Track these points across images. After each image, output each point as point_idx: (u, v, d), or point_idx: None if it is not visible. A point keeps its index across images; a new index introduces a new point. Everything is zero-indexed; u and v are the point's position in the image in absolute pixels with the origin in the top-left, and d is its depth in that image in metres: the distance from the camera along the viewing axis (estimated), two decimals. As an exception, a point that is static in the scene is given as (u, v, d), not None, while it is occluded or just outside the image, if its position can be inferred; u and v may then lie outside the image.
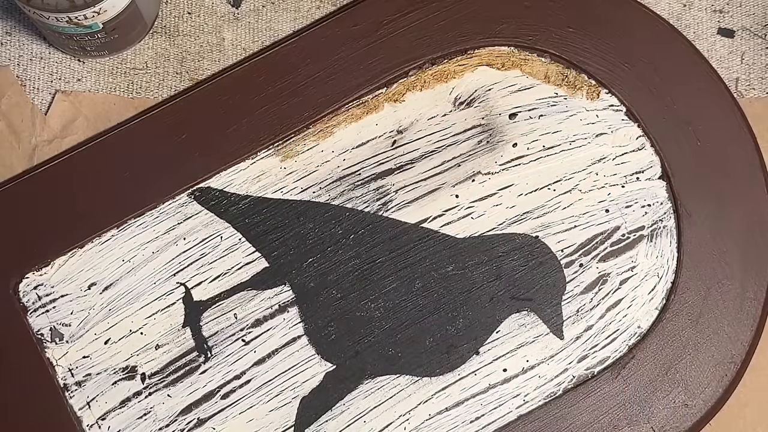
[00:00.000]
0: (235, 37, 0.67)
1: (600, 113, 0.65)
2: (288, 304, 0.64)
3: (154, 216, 0.64)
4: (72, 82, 0.66)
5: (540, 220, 0.64)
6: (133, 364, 0.63)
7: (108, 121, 0.65)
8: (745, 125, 0.65)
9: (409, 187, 0.65)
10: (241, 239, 0.64)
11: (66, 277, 0.63)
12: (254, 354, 0.63)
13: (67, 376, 0.63)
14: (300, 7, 0.67)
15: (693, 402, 0.63)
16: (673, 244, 0.64)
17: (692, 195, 0.64)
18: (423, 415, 0.63)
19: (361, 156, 0.65)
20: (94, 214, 0.64)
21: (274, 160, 0.65)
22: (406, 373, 0.63)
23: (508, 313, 0.63)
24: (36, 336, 0.63)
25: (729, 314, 0.63)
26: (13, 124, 0.65)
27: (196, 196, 0.64)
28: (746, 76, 0.68)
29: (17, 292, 0.63)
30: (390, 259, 0.64)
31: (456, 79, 0.65)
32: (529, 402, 0.63)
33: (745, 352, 0.63)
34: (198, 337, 0.63)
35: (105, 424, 0.63)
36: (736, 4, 0.69)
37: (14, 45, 0.66)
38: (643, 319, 0.63)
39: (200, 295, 0.64)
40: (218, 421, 0.63)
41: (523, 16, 0.66)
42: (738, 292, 0.63)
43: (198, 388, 0.63)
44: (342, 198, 0.64)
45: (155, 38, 0.66)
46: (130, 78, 0.66)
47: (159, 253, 0.64)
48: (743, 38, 0.68)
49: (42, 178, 0.64)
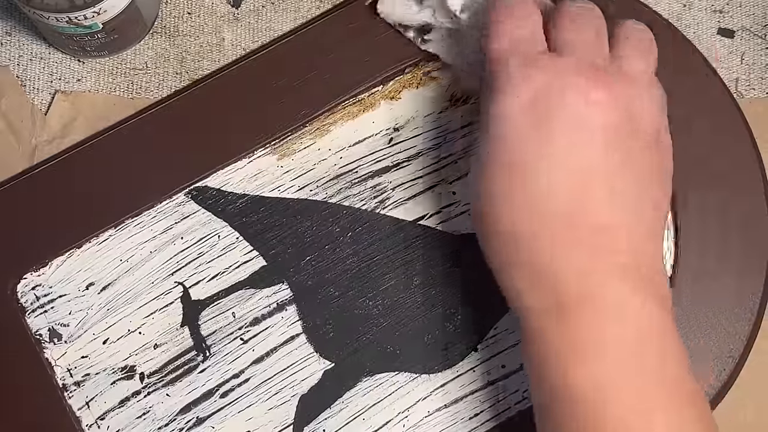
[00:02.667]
0: (235, 37, 0.67)
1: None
2: (286, 302, 0.64)
3: (151, 215, 0.64)
4: (72, 82, 0.66)
5: (537, 217, 0.64)
6: (132, 364, 0.63)
7: (108, 121, 0.65)
8: (744, 123, 0.65)
9: (406, 185, 0.65)
10: (238, 238, 0.64)
11: (64, 277, 0.63)
12: (253, 352, 0.63)
13: (66, 377, 0.63)
14: (300, 7, 0.67)
15: (691, 397, 0.62)
16: (670, 239, 0.64)
17: (690, 192, 0.64)
18: (422, 412, 0.63)
19: (357, 154, 0.65)
20: (92, 214, 0.64)
21: (271, 159, 0.65)
22: (405, 371, 0.63)
23: (506, 309, 0.63)
24: (34, 336, 0.63)
25: (727, 309, 0.63)
26: (13, 124, 0.65)
27: (194, 196, 0.64)
28: (746, 76, 0.68)
29: (15, 293, 0.63)
30: (388, 257, 0.64)
31: (452, 76, 0.65)
32: (528, 398, 0.63)
33: (744, 347, 0.62)
34: (196, 336, 0.63)
35: (104, 424, 0.63)
36: (736, 4, 0.69)
37: (14, 45, 0.66)
38: (641, 315, 0.63)
39: (198, 294, 0.64)
40: (217, 420, 0.63)
41: (520, 13, 0.65)
42: (736, 287, 0.63)
43: (197, 387, 0.63)
44: (339, 196, 0.64)
45: (155, 38, 0.67)
46: (130, 78, 0.66)
47: (157, 252, 0.64)
48: (743, 38, 0.68)
49: (41, 178, 0.64)
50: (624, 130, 0.53)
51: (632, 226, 0.53)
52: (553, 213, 0.52)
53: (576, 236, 0.52)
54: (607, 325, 0.51)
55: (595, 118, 0.52)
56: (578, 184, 0.52)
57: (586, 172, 0.52)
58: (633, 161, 0.53)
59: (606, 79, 0.53)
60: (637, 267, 0.53)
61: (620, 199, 0.53)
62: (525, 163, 0.52)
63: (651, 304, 0.52)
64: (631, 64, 0.55)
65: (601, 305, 0.52)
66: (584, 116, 0.52)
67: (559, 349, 0.52)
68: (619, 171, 0.53)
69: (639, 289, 0.52)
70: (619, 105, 0.53)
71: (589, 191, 0.52)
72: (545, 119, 0.52)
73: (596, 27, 0.56)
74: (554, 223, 0.52)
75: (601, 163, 0.52)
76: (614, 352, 0.51)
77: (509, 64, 0.54)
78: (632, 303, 0.52)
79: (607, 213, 0.52)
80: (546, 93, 0.53)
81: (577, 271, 0.52)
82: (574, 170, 0.52)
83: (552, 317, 0.52)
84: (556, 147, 0.52)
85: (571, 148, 0.52)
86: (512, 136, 0.53)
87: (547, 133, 0.52)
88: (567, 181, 0.52)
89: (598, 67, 0.53)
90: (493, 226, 0.54)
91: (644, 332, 0.52)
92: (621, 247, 0.52)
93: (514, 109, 0.53)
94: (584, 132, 0.52)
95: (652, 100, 0.55)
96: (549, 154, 0.52)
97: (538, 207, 0.52)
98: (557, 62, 0.54)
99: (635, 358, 0.51)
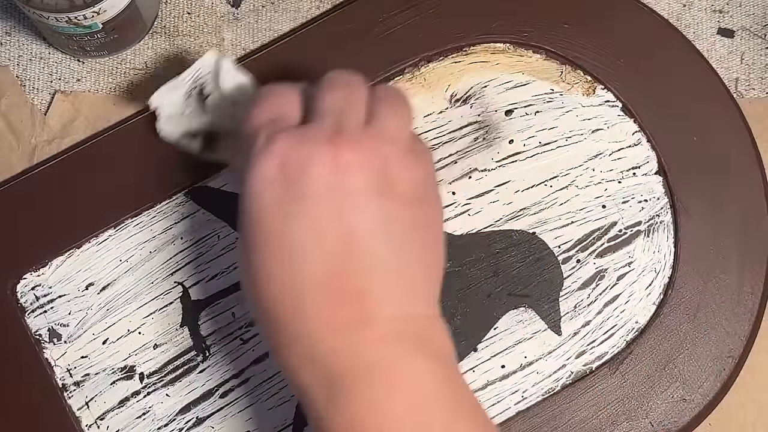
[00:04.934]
0: (235, 37, 0.67)
1: (596, 109, 0.65)
2: (286, 302, 0.64)
3: (151, 216, 0.64)
4: (72, 82, 0.66)
5: (537, 217, 0.64)
6: (132, 364, 0.63)
7: (107, 122, 0.65)
8: (742, 121, 0.65)
9: (406, 185, 0.65)
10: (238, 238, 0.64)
11: (64, 277, 0.63)
12: (252, 352, 0.63)
13: (66, 377, 0.63)
14: (300, 7, 0.67)
15: (691, 397, 0.62)
16: (670, 239, 0.64)
17: (689, 191, 0.64)
18: (421, 413, 0.63)
19: (357, 153, 0.65)
20: (91, 214, 0.64)
21: (271, 159, 0.65)
22: (404, 371, 0.63)
23: (506, 309, 0.63)
24: (34, 336, 0.63)
25: (726, 309, 0.63)
26: (13, 124, 0.65)
27: (194, 196, 0.64)
28: (746, 76, 0.68)
29: (15, 293, 0.63)
30: (387, 257, 0.64)
31: (452, 77, 0.66)
32: (528, 398, 0.63)
33: (743, 346, 0.63)
34: (196, 336, 0.63)
35: (104, 424, 0.63)
36: (736, 4, 0.68)
37: (14, 45, 0.66)
38: (641, 315, 0.63)
39: (198, 294, 0.64)
40: (217, 420, 0.63)
41: (519, 13, 0.66)
42: (735, 287, 0.63)
43: (196, 387, 0.63)
44: (339, 196, 0.64)
45: (155, 38, 0.67)
46: (130, 78, 0.66)
47: (156, 252, 0.64)
48: (743, 38, 0.68)
49: (41, 178, 0.64)
50: (380, 190, 0.51)
51: (395, 287, 0.51)
52: (309, 284, 0.50)
53: (337, 305, 0.50)
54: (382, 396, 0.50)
55: (346, 181, 0.50)
56: (334, 250, 0.50)
57: (342, 238, 0.50)
58: (392, 220, 0.51)
59: (354, 141, 0.51)
60: (411, 327, 0.51)
61: (381, 260, 0.50)
62: (276, 236, 0.50)
63: (425, 362, 0.50)
64: (386, 123, 0.53)
65: (371, 375, 0.50)
66: (333, 181, 0.50)
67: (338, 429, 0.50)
68: (378, 232, 0.50)
69: (411, 350, 0.50)
70: (373, 164, 0.51)
71: (347, 257, 0.50)
72: (294, 189, 0.50)
73: (350, 92, 0.54)
74: (313, 294, 0.50)
75: (358, 226, 0.50)
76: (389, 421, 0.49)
77: (258, 138, 0.52)
78: (404, 366, 0.50)
79: (367, 276, 0.50)
80: (293, 162, 0.50)
81: (344, 343, 0.50)
82: (328, 237, 0.50)
83: (325, 394, 0.50)
84: (307, 217, 0.50)
85: (323, 215, 0.50)
86: (261, 210, 0.51)
87: (296, 204, 0.50)
88: (322, 249, 0.50)
89: (347, 130, 0.51)
90: (259, 305, 0.52)
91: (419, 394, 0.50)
92: (390, 309, 0.51)
93: (258, 182, 0.51)
94: (335, 197, 0.50)
95: (409, 157, 0.53)
96: (299, 225, 0.50)
97: (295, 280, 0.50)
98: (305, 130, 0.52)
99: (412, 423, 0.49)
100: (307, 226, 0.50)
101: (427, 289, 0.53)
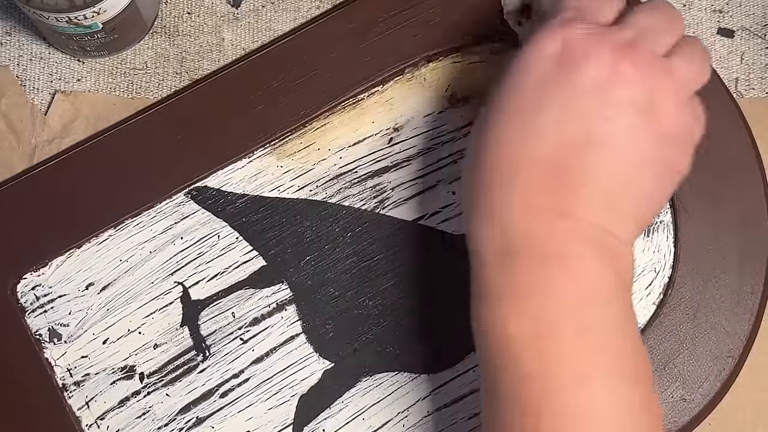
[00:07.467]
0: (235, 37, 0.67)
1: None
2: (286, 302, 0.64)
3: (151, 215, 0.64)
4: (72, 82, 0.66)
5: (537, 216, 0.64)
6: (132, 364, 0.63)
7: (108, 121, 0.65)
8: (742, 121, 0.65)
9: (406, 185, 0.65)
10: (238, 238, 0.64)
11: (64, 277, 0.63)
12: (252, 352, 0.63)
13: (66, 376, 0.63)
14: (300, 7, 0.67)
15: (691, 396, 0.62)
16: (670, 239, 0.64)
17: (689, 191, 0.64)
18: (422, 412, 0.63)
19: (357, 154, 0.65)
20: (91, 214, 0.64)
21: (270, 159, 0.65)
22: (405, 370, 0.63)
23: (506, 309, 0.63)
24: (34, 336, 0.63)
25: (726, 309, 0.63)
26: (13, 124, 0.65)
27: (193, 196, 0.64)
28: (746, 76, 0.68)
29: (15, 293, 0.63)
30: (387, 257, 0.64)
31: (452, 77, 0.66)
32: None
33: (743, 346, 0.63)
34: (196, 336, 0.63)
35: (104, 424, 0.63)
36: (736, 4, 0.69)
37: (14, 45, 0.66)
38: (641, 314, 0.63)
39: (198, 294, 0.64)
40: (217, 420, 0.63)
41: (519, 13, 0.66)
42: (735, 287, 0.63)
43: (196, 387, 0.63)
44: (339, 196, 0.64)
45: (155, 38, 0.67)
46: (130, 78, 0.66)
47: (156, 252, 0.64)
48: (743, 38, 0.68)
49: (41, 178, 0.64)
50: (641, 113, 0.52)
51: (604, 203, 0.52)
52: (530, 159, 0.51)
53: (552, 188, 0.51)
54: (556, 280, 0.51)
55: (614, 89, 0.51)
56: (568, 143, 0.51)
57: (581, 137, 0.51)
58: (636, 145, 0.52)
59: (641, 60, 0.52)
60: (603, 238, 0.52)
61: (604, 174, 0.51)
62: (527, 107, 0.52)
63: (605, 271, 0.51)
64: (680, 65, 0.53)
65: (552, 259, 0.51)
66: (603, 85, 0.51)
67: (502, 293, 0.52)
68: (616, 148, 0.52)
69: (596, 254, 0.51)
70: (646, 88, 0.52)
71: (576, 155, 0.51)
72: (564, 75, 0.52)
73: (666, 21, 0.55)
74: (530, 170, 0.51)
75: (601, 133, 0.51)
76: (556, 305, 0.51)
77: (558, 16, 0.54)
78: (585, 262, 0.51)
79: (584, 180, 0.51)
80: (576, 51, 0.52)
81: (537, 225, 0.51)
82: (570, 130, 0.51)
83: (499, 258, 0.52)
84: (561, 104, 0.51)
85: (576, 109, 0.51)
86: (526, 80, 0.52)
87: (559, 88, 0.52)
88: (558, 137, 0.51)
89: (642, 50, 0.52)
90: (478, 164, 0.54)
91: (590, 293, 0.51)
92: (593, 216, 0.51)
93: (535, 54, 0.52)
94: (597, 99, 0.51)
95: (684, 105, 0.54)
96: (551, 107, 0.51)
97: (521, 151, 0.52)
98: (604, 30, 0.53)
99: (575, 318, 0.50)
100: (558, 111, 0.51)
101: (633, 222, 0.54)
